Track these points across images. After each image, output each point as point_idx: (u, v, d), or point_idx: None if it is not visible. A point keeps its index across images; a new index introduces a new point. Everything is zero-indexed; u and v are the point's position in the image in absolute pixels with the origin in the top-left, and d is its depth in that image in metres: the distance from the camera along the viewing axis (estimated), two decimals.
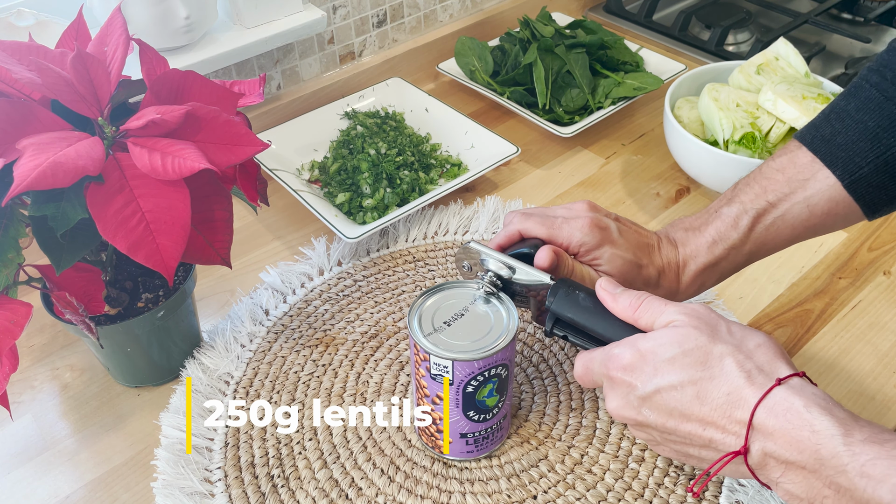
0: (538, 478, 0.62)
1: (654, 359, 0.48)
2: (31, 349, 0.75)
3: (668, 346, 0.48)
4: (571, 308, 0.54)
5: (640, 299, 0.52)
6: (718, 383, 0.46)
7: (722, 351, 0.47)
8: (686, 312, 0.50)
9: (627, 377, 0.49)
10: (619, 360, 0.50)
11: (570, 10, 1.27)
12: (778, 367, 0.46)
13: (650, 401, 0.48)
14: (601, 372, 0.52)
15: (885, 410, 0.68)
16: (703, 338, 0.48)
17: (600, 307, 0.53)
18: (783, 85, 0.87)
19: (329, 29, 1.02)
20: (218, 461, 0.64)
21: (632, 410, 0.50)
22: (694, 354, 0.47)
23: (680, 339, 0.48)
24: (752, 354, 0.47)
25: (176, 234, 0.53)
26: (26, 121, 0.51)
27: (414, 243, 0.85)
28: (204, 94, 0.57)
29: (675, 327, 0.49)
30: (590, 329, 0.54)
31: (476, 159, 0.93)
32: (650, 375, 0.48)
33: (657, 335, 0.49)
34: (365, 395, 0.69)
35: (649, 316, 0.51)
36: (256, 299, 0.78)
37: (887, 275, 0.81)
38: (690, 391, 0.47)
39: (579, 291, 0.55)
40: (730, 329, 0.49)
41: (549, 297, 0.55)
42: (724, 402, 0.46)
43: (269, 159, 0.90)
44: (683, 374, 0.47)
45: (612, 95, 1.01)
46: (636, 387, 0.49)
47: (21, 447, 0.66)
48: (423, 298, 0.58)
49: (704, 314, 0.50)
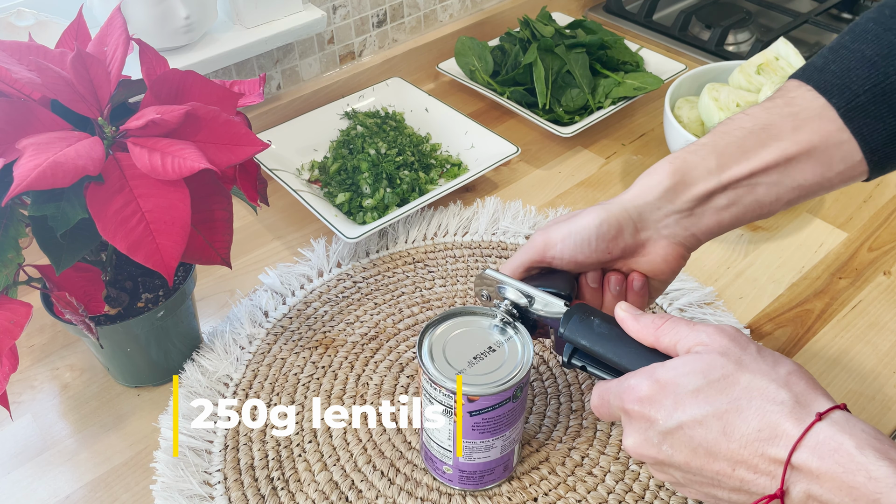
0: (539, 480, 0.62)
1: (675, 390, 0.44)
2: (31, 349, 0.75)
3: (690, 375, 0.44)
4: (585, 334, 0.51)
5: (662, 319, 0.48)
6: (747, 417, 0.42)
7: (750, 381, 0.42)
8: (711, 336, 0.45)
9: (646, 411, 0.45)
10: (635, 392, 0.45)
11: (570, 10, 1.27)
12: (816, 399, 0.42)
13: (672, 437, 0.44)
14: (617, 405, 0.47)
15: (885, 410, 0.68)
16: (729, 366, 0.43)
17: (617, 333, 0.50)
18: None
19: (329, 29, 1.02)
20: (217, 463, 0.64)
21: (651, 448, 0.45)
22: (719, 385, 0.43)
23: (704, 367, 0.44)
24: (787, 383, 0.42)
25: (176, 234, 0.53)
26: (26, 121, 0.51)
27: (413, 244, 0.85)
28: (204, 94, 0.57)
29: (698, 354, 0.45)
30: (604, 357, 0.50)
31: (476, 159, 0.93)
32: (671, 409, 0.43)
33: (678, 364, 0.45)
34: (365, 396, 0.69)
35: (671, 337, 0.47)
36: (256, 301, 0.77)
37: (887, 275, 0.81)
38: (716, 426, 0.42)
39: (594, 317, 0.51)
40: (760, 353, 0.44)
41: (562, 323, 0.52)
42: (755, 439, 0.41)
43: (269, 159, 0.90)
44: (708, 407, 0.42)
45: (612, 95, 1.01)
46: (656, 421, 0.44)
47: (21, 447, 0.66)
48: (436, 324, 0.56)
49: (731, 337, 0.45)
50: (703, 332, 0.46)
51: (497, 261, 0.83)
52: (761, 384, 0.42)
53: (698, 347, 0.45)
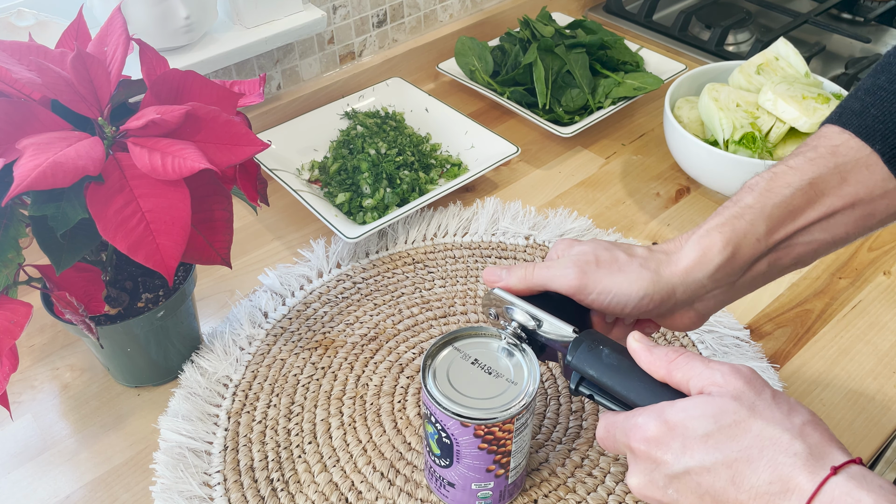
0: (539, 482, 0.62)
1: (684, 433, 0.42)
2: (31, 349, 0.75)
3: (700, 419, 0.42)
4: (593, 364, 0.48)
5: (677, 353, 0.46)
6: (758, 468, 0.40)
7: (762, 429, 0.40)
8: (726, 377, 0.43)
9: (652, 452, 0.43)
10: (642, 432, 0.44)
11: (570, 10, 1.27)
12: (831, 452, 0.40)
13: (678, 482, 0.42)
14: (623, 441, 0.45)
15: (885, 410, 0.68)
16: (742, 411, 0.41)
17: (627, 365, 0.47)
18: (783, 85, 0.87)
19: (329, 29, 1.02)
20: (217, 465, 0.64)
21: (657, 490, 0.43)
22: (730, 431, 0.41)
23: (716, 411, 0.42)
24: (802, 434, 0.40)
25: (176, 234, 0.52)
26: (26, 121, 0.51)
27: (413, 245, 0.85)
28: (204, 94, 0.57)
29: (710, 396, 0.43)
30: (612, 389, 0.48)
31: (476, 159, 0.93)
32: (678, 453, 0.42)
33: (688, 405, 0.43)
34: (365, 397, 0.69)
35: (685, 373, 0.45)
36: (255, 302, 0.77)
37: (887, 275, 0.81)
38: (725, 475, 0.40)
39: (604, 346, 0.49)
40: (776, 400, 0.42)
41: (570, 351, 0.50)
42: (766, 492, 0.39)
43: (269, 159, 0.90)
44: (718, 454, 0.41)
45: (612, 95, 1.00)
46: (663, 464, 0.42)
47: (21, 447, 0.66)
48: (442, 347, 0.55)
49: (747, 380, 0.43)
50: (718, 371, 0.44)
51: (497, 262, 0.83)
52: (774, 433, 0.40)
53: (712, 388, 0.43)
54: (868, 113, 0.51)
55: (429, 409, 0.53)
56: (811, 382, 0.70)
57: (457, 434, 0.53)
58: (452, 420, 0.52)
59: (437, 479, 0.59)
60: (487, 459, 0.54)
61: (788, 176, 0.52)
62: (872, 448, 0.65)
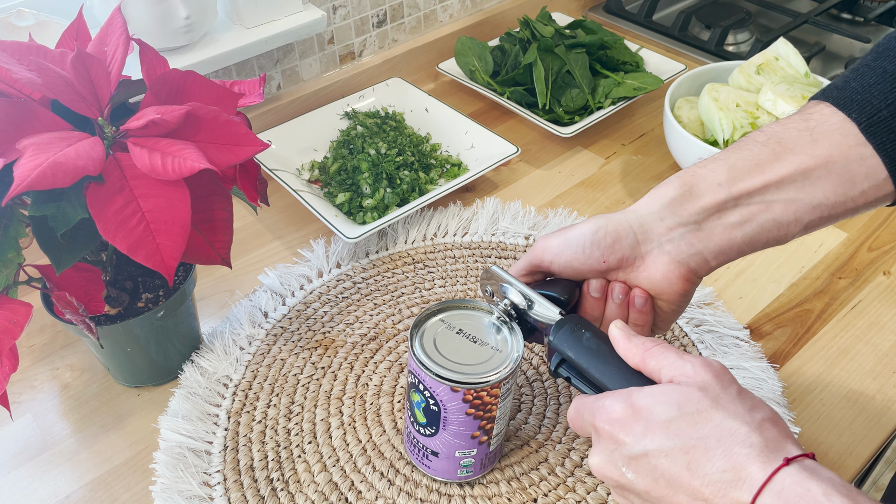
0: (538, 481, 0.62)
1: (647, 417, 0.43)
2: (31, 349, 0.75)
3: (665, 405, 0.43)
4: (572, 346, 0.50)
5: (654, 343, 0.47)
6: (713, 456, 0.41)
7: (722, 420, 0.42)
8: (696, 369, 0.44)
9: (615, 432, 0.44)
10: (608, 412, 0.45)
11: (570, 10, 1.27)
12: (786, 446, 0.41)
13: (636, 463, 0.43)
14: (589, 421, 0.47)
15: (885, 410, 0.68)
16: (705, 401, 0.42)
17: (605, 351, 0.49)
18: (783, 85, 0.87)
19: (329, 29, 1.02)
20: (217, 465, 0.64)
21: (615, 471, 0.45)
22: (692, 419, 0.42)
23: (680, 399, 0.43)
24: (759, 428, 0.41)
25: (176, 234, 0.53)
26: (26, 121, 0.51)
27: (413, 245, 0.85)
28: (204, 94, 0.57)
29: (678, 385, 0.44)
30: (587, 371, 0.49)
31: (476, 159, 0.93)
32: (639, 435, 0.43)
33: (656, 391, 0.44)
34: (364, 397, 0.69)
35: (658, 362, 0.46)
36: (255, 301, 0.77)
37: (887, 275, 0.81)
38: (682, 460, 0.42)
39: (586, 330, 0.50)
40: (740, 396, 0.44)
41: (552, 331, 0.51)
42: (719, 479, 0.40)
43: (269, 159, 0.90)
44: (677, 440, 0.42)
45: (612, 95, 1.01)
46: (623, 445, 0.44)
47: (21, 447, 0.66)
48: (429, 315, 0.57)
49: (715, 373, 0.44)
50: (689, 363, 0.45)
51: (497, 261, 0.83)
52: (733, 425, 0.41)
53: (681, 378, 0.44)
54: (849, 87, 0.51)
55: (417, 376, 0.54)
56: (811, 382, 0.70)
57: (445, 400, 0.54)
58: (443, 386, 0.53)
59: (419, 449, 0.60)
60: (473, 426, 0.56)
61: (756, 135, 0.53)
62: (872, 448, 0.65)
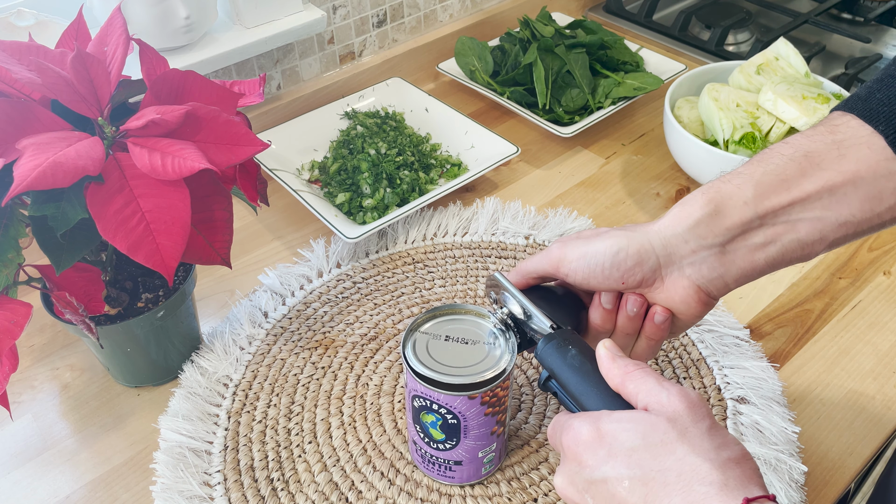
0: (538, 480, 0.62)
1: (612, 443, 0.42)
2: (31, 349, 0.75)
3: (630, 433, 0.42)
4: (556, 361, 0.49)
5: (637, 366, 0.46)
6: (672, 492, 0.40)
7: (685, 455, 0.40)
8: (670, 398, 0.43)
9: (580, 454, 0.44)
10: (575, 433, 0.44)
11: (570, 10, 1.27)
12: (748, 486, 0.40)
13: (595, 488, 0.43)
14: (559, 439, 0.46)
15: (885, 410, 0.68)
16: (671, 433, 0.41)
17: (588, 369, 0.48)
18: (783, 85, 0.87)
19: (329, 29, 1.02)
20: (217, 464, 0.64)
21: (575, 493, 0.44)
22: (655, 450, 0.41)
23: (646, 428, 0.42)
24: (723, 467, 0.40)
25: (176, 234, 0.53)
26: (26, 121, 0.51)
27: (413, 245, 0.85)
28: (204, 94, 0.57)
29: (647, 414, 0.43)
30: (567, 388, 0.49)
31: (476, 159, 0.93)
32: (601, 460, 0.42)
33: (624, 417, 0.43)
34: (364, 397, 0.69)
35: (636, 386, 0.45)
36: (255, 301, 0.77)
37: (887, 275, 0.81)
38: (639, 492, 0.41)
39: (572, 347, 0.49)
40: (710, 432, 0.42)
41: (541, 344, 0.51)
42: None
43: (269, 159, 0.90)
44: (637, 470, 0.41)
45: (612, 95, 1.01)
46: (585, 468, 0.43)
47: (21, 447, 0.66)
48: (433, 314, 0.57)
49: (689, 405, 0.43)
50: (666, 391, 0.44)
51: (496, 261, 0.83)
52: (695, 462, 0.40)
53: (655, 405, 0.43)
54: (873, 97, 0.49)
55: (429, 398, 0.54)
56: (811, 382, 0.70)
57: (464, 409, 0.54)
58: (460, 398, 0.53)
59: (439, 465, 0.60)
60: (491, 423, 0.56)
61: (782, 147, 0.50)
62: (872, 448, 0.65)
